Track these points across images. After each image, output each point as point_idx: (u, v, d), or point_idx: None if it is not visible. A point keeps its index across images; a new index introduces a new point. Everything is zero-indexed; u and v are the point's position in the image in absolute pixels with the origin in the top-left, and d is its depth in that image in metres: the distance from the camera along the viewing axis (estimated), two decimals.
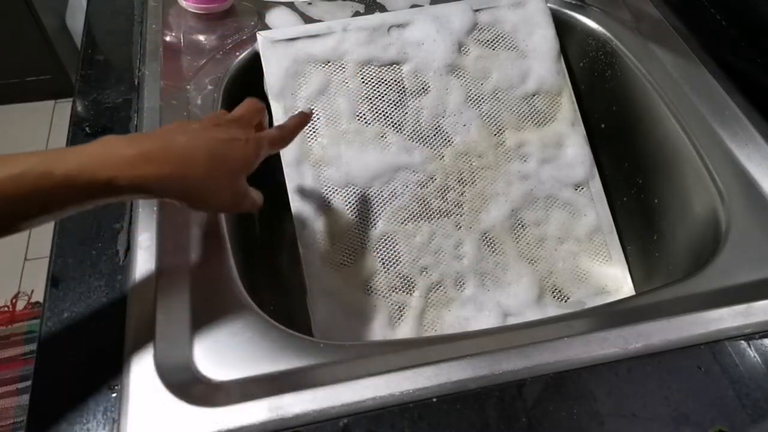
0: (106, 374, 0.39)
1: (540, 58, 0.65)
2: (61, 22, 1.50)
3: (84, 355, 0.40)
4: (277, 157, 0.58)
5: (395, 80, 0.62)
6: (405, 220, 0.59)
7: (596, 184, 0.64)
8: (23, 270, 1.37)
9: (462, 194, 0.60)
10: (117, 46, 0.62)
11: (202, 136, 0.39)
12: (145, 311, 0.41)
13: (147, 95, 0.56)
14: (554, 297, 0.60)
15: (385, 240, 0.57)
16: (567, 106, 0.65)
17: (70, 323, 0.41)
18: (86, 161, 0.34)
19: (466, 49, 0.64)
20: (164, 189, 0.37)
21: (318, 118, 0.59)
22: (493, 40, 0.65)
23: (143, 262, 0.44)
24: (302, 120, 0.49)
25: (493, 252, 0.59)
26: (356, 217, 0.57)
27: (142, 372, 0.38)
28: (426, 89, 0.62)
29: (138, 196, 0.38)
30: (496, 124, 0.63)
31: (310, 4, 0.67)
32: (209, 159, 0.38)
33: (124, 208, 0.48)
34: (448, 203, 0.60)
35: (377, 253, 0.57)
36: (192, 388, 0.38)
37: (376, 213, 0.58)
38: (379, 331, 0.54)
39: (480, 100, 0.63)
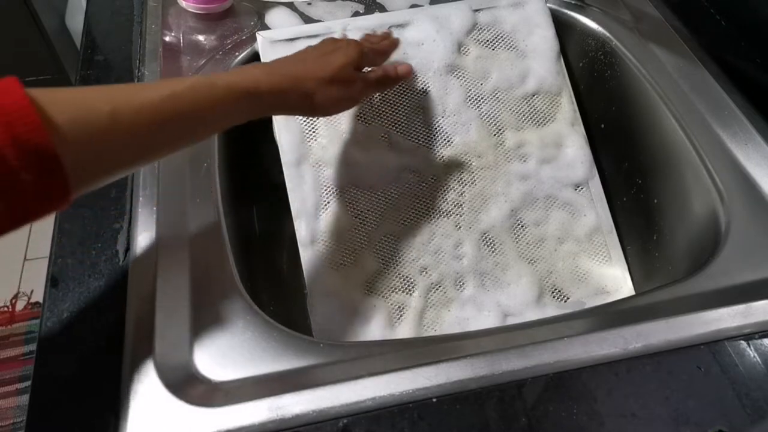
0: (106, 374, 0.39)
1: (540, 58, 0.65)
2: (61, 22, 1.50)
3: (84, 355, 0.40)
4: (277, 157, 0.58)
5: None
6: (405, 220, 0.59)
7: (596, 184, 0.64)
8: (23, 270, 1.37)
9: (462, 194, 0.60)
10: (116, 47, 0.62)
11: (314, 52, 0.50)
12: (145, 311, 0.41)
13: None
14: (554, 297, 0.60)
15: (385, 240, 0.57)
16: (567, 107, 0.65)
17: (70, 323, 0.41)
18: (236, 75, 0.43)
19: (465, 50, 0.64)
20: (293, 98, 0.46)
21: (318, 119, 0.59)
22: (493, 40, 0.65)
23: (143, 262, 0.44)
24: (391, 43, 0.57)
25: (492, 252, 0.59)
26: (356, 217, 0.57)
27: (142, 372, 0.38)
28: (426, 89, 0.62)
29: (275, 106, 0.47)
30: (495, 124, 0.63)
31: (309, 4, 0.67)
32: (319, 66, 0.48)
33: (124, 208, 0.48)
34: (447, 203, 0.60)
35: (377, 253, 0.57)
36: (192, 388, 0.38)
37: (375, 213, 0.58)
38: (379, 331, 0.54)
39: (480, 100, 0.63)
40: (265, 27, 0.64)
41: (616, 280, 0.62)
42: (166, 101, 0.37)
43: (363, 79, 0.51)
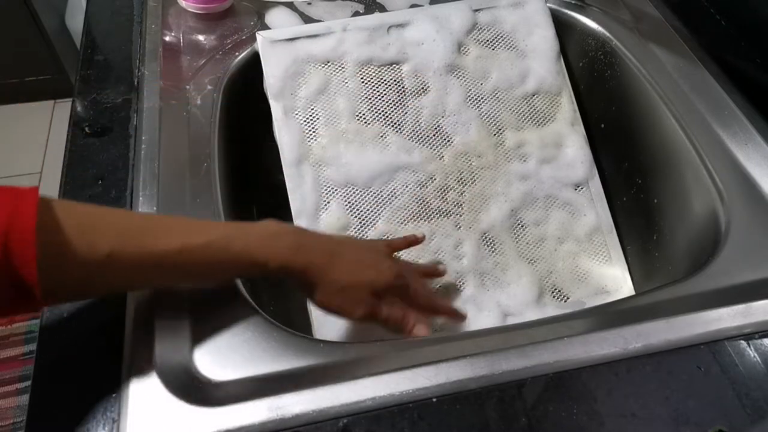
0: (106, 374, 0.39)
1: (539, 58, 0.65)
2: (61, 22, 1.50)
3: (84, 355, 0.40)
4: (277, 156, 0.58)
5: (395, 80, 0.62)
6: (405, 220, 0.58)
7: (596, 184, 0.64)
8: None
9: (462, 194, 0.60)
10: (116, 46, 0.61)
11: (349, 252, 0.46)
12: (145, 311, 0.41)
13: (146, 95, 0.56)
14: (554, 297, 0.60)
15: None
16: (566, 106, 0.65)
17: (70, 323, 0.41)
18: (254, 243, 0.40)
19: (465, 49, 0.64)
20: (301, 279, 0.43)
21: (318, 118, 0.59)
22: (493, 40, 0.65)
23: None
24: (451, 313, 0.54)
25: (492, 252, 0.59)
26: (356, 216, 0.57)
27: (142, 372, 0.38)
28: (425, 89, 0.62)
29: (279, 278, 0.43)
30: (495, 124, 0.63)
31: (309, 4, 0.67)
32: (345, 268, 0.44)
33: (124, 207, 0.48)
34: (447, 203, 0.60)
35: None
36: (192, 388, 0.38)
37: (375, 213, 0.58)
38: (379, 331, 0.54)
39: (479, 100, 0.63)
40: (265, 27, 0.64)
41: (616, 280, 0.62)
42: (172, 255, 0.36)
43: (374, 308, 0.46)
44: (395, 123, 0.61)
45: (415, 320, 0.47)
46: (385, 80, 0.62)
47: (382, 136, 0.60)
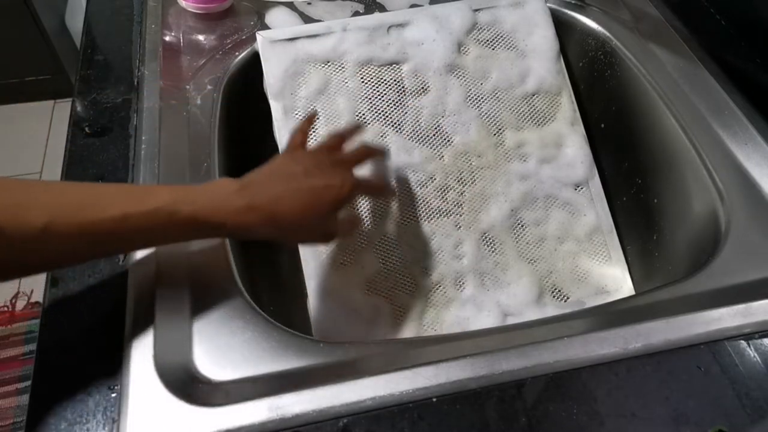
0: (105, 374, 0.39)
1: (539, 57, 0.65)
2: (61, 22, 1.50)
3: (84, 355, 0.40)
4: None
5: (395, 80, 0.62)
6: (404, 220, 0.58)
7: (596, 184, 0.64)
8: None
9: (462, 194, 0.60)
10: (116, 46, 0.62)
11: (300, 184, 0.43)
12: (145, 311, 0.41)
13: (146, 95, 0.56)
14: (554, 297, 0.60)
15: (385, 240, 0.57)
16: (566, 106, 0.65)
17: (70, 323, 0.41)
18: (206, 206, 0.39)
19: (465, 49, 0.64)
20: (260, 232, 0.42)
21: (318, 118, 0.59)
22: (493, 39, 0.65)
23: (143, 262, 0.44)
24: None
25: (492, 252, 0.59)
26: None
27: (142, 372, 0.38)
28: (425, 89, 0.62)
29: (238, 237, 0.43)
30: (495, 123, 0.63)
31: (309, 4, 0.67)
32: (301, 208, 0.43)
33: None
34: (447, 203, 0.60)
35: (377, 253, 0.57)
36: (192, 388, 0.38)
37: (375, 213, 0.58)
38: (379, 330, 0.54)
39: (479, 100, 0.63)
40: (265, 27, 0.64)
41: (616, 280, 0.62)
42: (113, 225, 0.35)
43: (339, 221, 0.48)
44: (395, 123, 0.61)
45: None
46: (385, 80, 0.62)
47: (382, 136, 0.60)
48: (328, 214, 0.45)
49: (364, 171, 0.55)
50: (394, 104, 0.61)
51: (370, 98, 0.61)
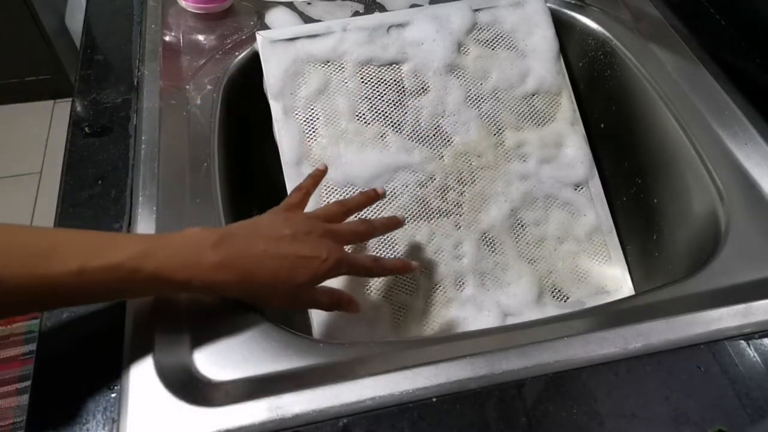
0: (105, 374, 0.39)
1: (539, 58, 0.65)
2: (61, 22, 1.50)
3: (83, 355, 0.40)
4: (277, 156, 0.58)
5: (395, 80, 0.62)
6: (404, 220, 0.58)
7: (596, 184, 0.64)
8: None
9: (461, 194, 0.60)
10: (116, 46, 0.61)
11: (283, 249, 0.40)
12: (145, 311, 0.41)
13: (146, 95, 0.56)
14: (554, 297, 0.60)
15: (385, 240, 0.57)
16: (566, 106, 0.65)
17: (70, 323, 0.41)
18: (172, 262, 0.36)
19: (465, 49, 0.64)
20: (232, 291, 0.40)
21: (317, 118, 0.59)
22: (493, 39, 0.65)
23: None
24: (402, 267, 0.48)
25: (492, 252, 0.59)
26: (355, 216, 0.57)
27: (142, 372, 0.38)
28: (425, 89, 0.62)
29: (208, 294, 0.39)
30: (495, 124, 0.63)
31: (309, 4, 0.67)
32: (276, 274, 0.40)
33: (124, 208, 0.48)
34: (447, 203, 0.60)
35: (377, 253, 0.57)
36: (192, 388, 0.38)
37: (375, 213, 0.58)
38: (379, 331, 0.54)
39: (479, 100, 0.63)
40: (265, 27, 0.64)
41: (616, 280, 0.62)
42: (69, 279, 0.33)
43: (320, 295, 0.45)
44: (395, 123, 0.61)
45: (347, 296, 0.46)
46: (385, 80, 0.62)
47: (382, 136, 0.60)
48: (305, 285, 0.42)
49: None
50: (394, 104, 0.61)
51: (370, 98, 0.61)
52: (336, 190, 0.58)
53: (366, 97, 0.61)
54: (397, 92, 0.61)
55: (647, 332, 0.42)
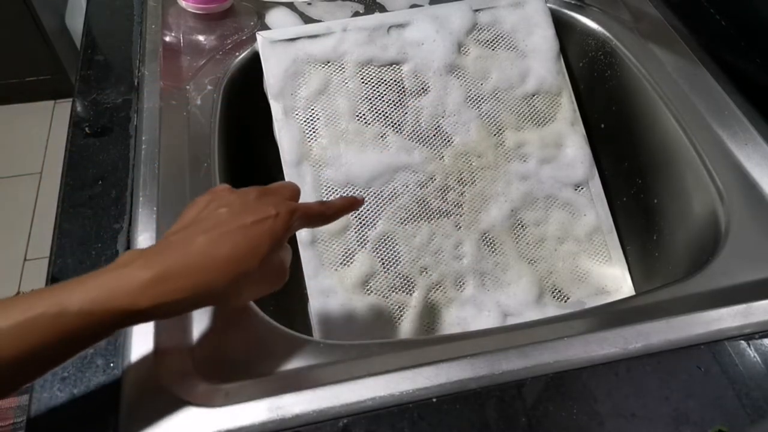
0: (105, 374, 0.39)
1: (539, 58, 0.65)
2: (61, 22, 1.50)
3: (83, 354, 0.40)
4: (277, 157, 0.58)
5: (395, 80, 0.62)
6: (405, 220, 0.58)
7: (596, 184, 0.64)
8: (23, 270, 1.36)
9: (462, 194, 0.60)
10: (116, 47, 0.62)
11: (226, 227, 0.35)
12: None
13: (146, 95, 0.56)
14: (554, 297, 0.60)
15: (385, 240, 0.57)
16: (567, 106, 0.65)
17: None
18: (98, 293, 0.31)
19: (465, 49, 0.64)
20: (189, 303, 0.34)
21: (318, 118, 0.59)
22: (493, 40, 0.65)
23: None
24: (351, 204, 0.43)
25: (492, 252, 0.59)
26: (356, 217, 0.57)
27: (142, 372, 0.38)
28: (426, 89, 0.62)
29: (165, 316, 0.33)
30: (495, 124, 0.63)
31: (309, 4, 0.67)
32: (234, 259, 0.34)
33: (124, 209, 0.48)
34: (447, 203, 0.60)
35: (377, 253, 0.57)
36: (192, 388, 0.38)
37: (375, 213, 0.58)
38: (379, 331, 0.54)
39: (480, 100, 0.63)
40: (265, 27, 0.64)
41: (616, 280, 0.62)
42: None
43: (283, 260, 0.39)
44: (395, 123, 0.61)
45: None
46: (385, 80, 0.62)
47: (382, 137, 0.60)
48: (273, 250, 0.36)
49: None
50: (394, 104, 0.61)
51: (370, 98, 0.61)
52: (336, 190, 0.58)
53: (366, 98, 0.61)
54: (398, 92, 0.61)
55: (647, 332, 0.42)
